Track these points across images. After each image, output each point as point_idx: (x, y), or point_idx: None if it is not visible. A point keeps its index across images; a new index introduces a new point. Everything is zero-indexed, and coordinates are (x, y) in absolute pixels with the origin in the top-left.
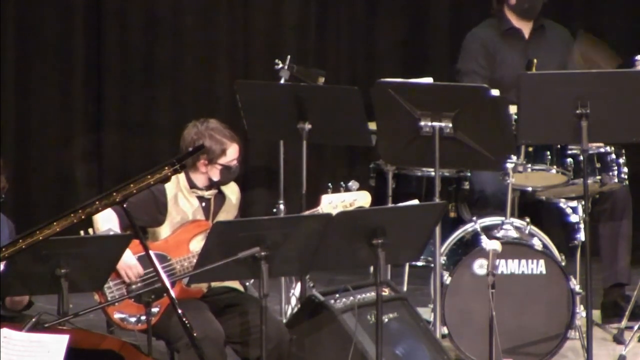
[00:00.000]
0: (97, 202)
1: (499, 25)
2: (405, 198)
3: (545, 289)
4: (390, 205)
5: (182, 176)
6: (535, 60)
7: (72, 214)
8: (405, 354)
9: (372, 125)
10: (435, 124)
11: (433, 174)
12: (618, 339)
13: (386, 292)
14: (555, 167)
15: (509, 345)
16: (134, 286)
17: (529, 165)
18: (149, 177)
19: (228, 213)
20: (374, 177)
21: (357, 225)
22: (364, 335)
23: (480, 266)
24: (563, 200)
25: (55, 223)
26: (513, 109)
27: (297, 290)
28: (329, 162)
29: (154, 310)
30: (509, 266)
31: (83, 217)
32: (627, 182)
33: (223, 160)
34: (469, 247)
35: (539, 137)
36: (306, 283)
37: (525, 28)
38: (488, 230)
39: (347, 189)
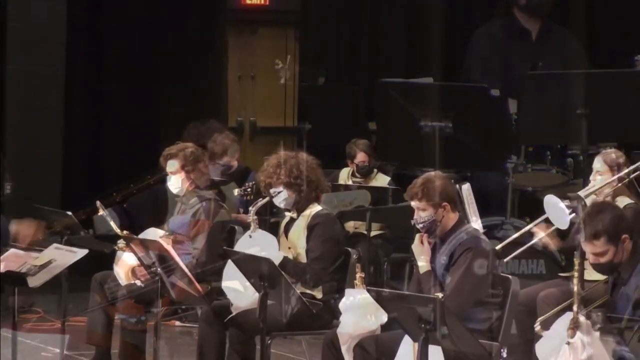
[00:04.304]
0: (97, 202)
1: (509, 25)
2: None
3: (545, 289)
4: (390, 205)
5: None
6: (540, 64)
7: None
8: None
9: (372, 125)
10: (435, 124)
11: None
12: (618, 339)
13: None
14: (555, 167)
15: (509, 346)
16: (134, 287)
17: (529, 165)
18: (149, 177)
19: (228, 213)
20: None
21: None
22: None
23: (480, 266)
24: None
25: (55, 223)
26: (514, 108)
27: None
28: (328, 162)
29: (154, 310)
30: (509, 266)
31: (83, 217)
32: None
33: (223, 160)
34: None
35: (539, 137)
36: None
37: (534, 28)
38: (488, 230)
39: (347, 188)
